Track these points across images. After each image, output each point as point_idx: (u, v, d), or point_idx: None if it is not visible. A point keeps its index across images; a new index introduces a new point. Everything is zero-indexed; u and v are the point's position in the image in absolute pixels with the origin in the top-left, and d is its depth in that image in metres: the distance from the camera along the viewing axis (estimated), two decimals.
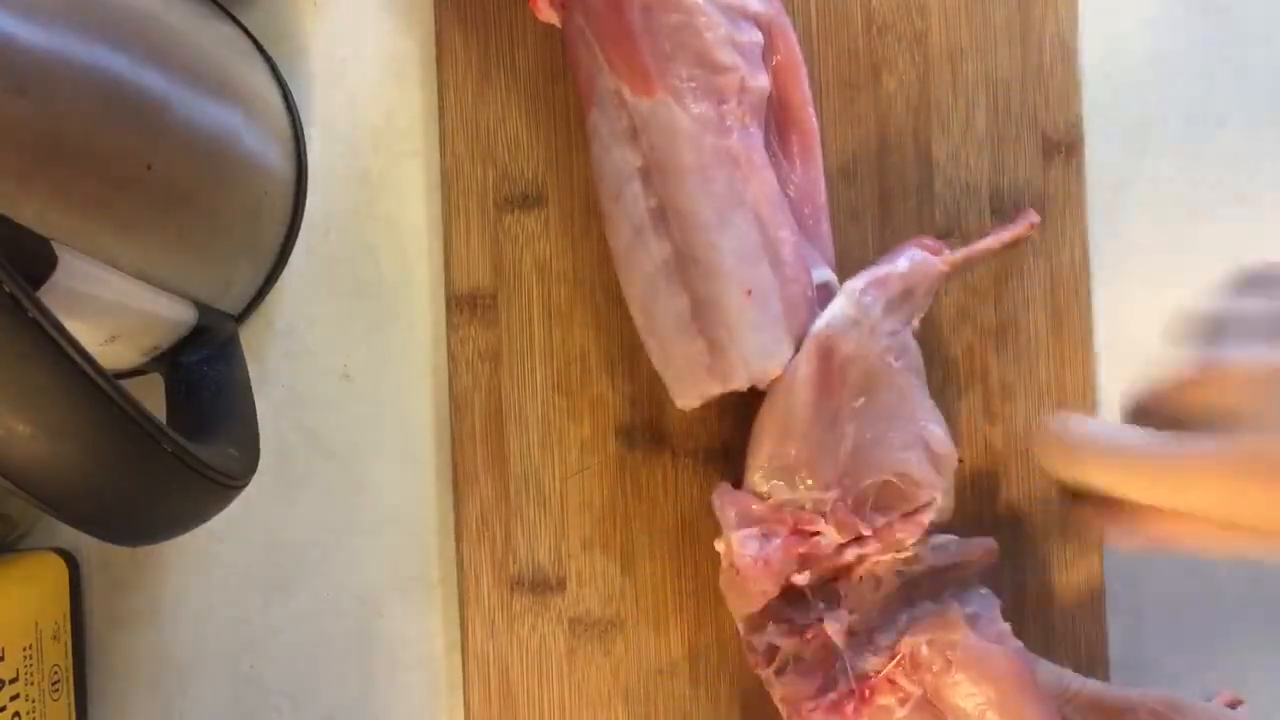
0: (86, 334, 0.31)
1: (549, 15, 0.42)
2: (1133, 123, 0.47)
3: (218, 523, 0.32)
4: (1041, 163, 0.46)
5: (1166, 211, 0.47)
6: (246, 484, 0.33)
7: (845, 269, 0.42)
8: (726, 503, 0.42)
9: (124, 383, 0.28)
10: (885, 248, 0.43)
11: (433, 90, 0.47)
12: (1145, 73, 0.47)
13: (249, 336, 0.46)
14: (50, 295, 0.29)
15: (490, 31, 0.46)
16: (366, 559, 0.47)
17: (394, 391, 0.47)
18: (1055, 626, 0.45)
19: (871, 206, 0.46)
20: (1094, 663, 0.45)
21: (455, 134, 0.46)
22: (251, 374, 0.41)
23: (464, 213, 0.46)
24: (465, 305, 0.45)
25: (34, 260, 0.29)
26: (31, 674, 0.41)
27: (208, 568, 0.46)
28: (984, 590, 0.43)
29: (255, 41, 0.45)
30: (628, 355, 0.45)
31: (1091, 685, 0.41)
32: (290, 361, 0.47)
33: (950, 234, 0.45)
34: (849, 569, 0.41)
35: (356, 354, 0.47)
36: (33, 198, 0.29)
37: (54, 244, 0.30)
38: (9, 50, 0.28)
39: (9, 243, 0.27)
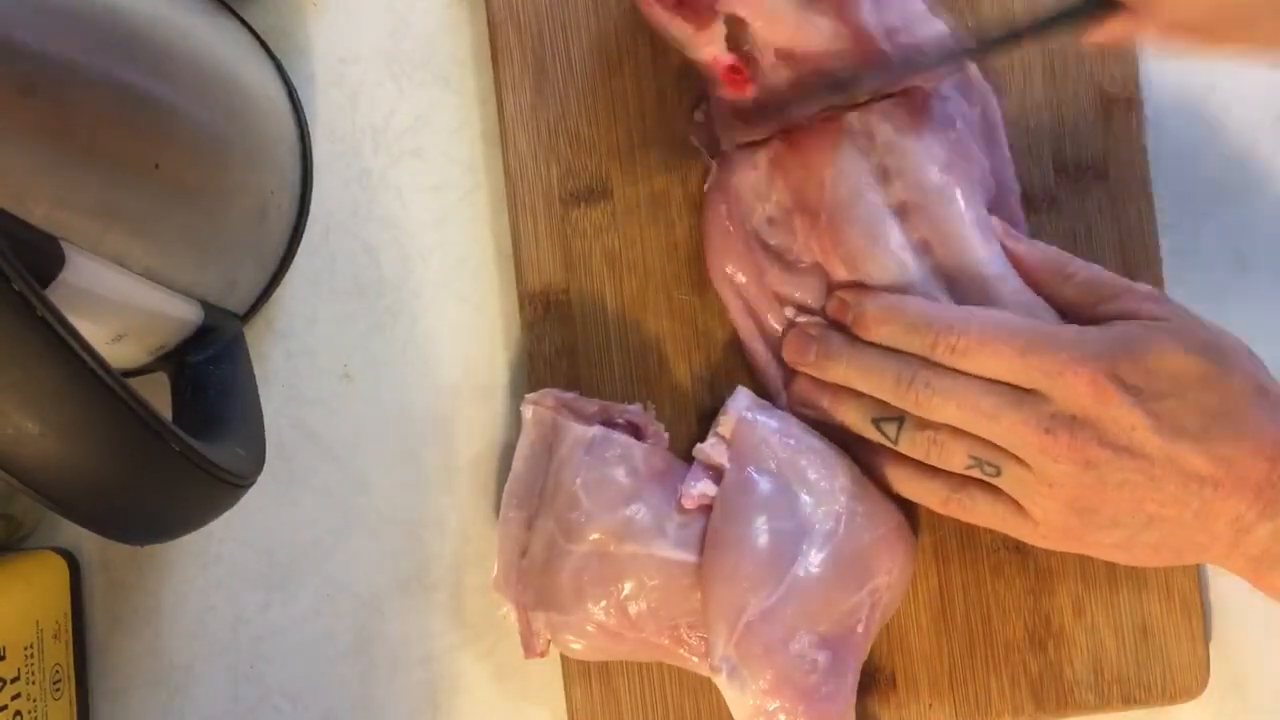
0: (94, 332, 0.31)
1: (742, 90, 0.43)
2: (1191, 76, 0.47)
3: (218, 523, 0.32)
4: (1102, 119, 0.46)
5: (1230, 145, 0.47)
6: (253, 482, 0.33)
7: None
8: None
9: (130, 381, 0.28)
10: None
11: (440, 89, 0.47)
12: None
13: (249, 336, 0.46)
14: (58, 293, 0.29)
15: (543, 29, 0.46)
16: (366, 559, 0.47)
17: (394, 391, 0.47)
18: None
19: None
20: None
21: (516, 132, 0.46)
22: None
23: (530, 210, 0.46)
24: (539, 302, 0.46)
25: (43, 259, 0.29)
26: (33, 673, 0.41)
27: (208, 568, 0.46)
28: None
29: (261, 40, 0.45)
30: (703, 340, 0.46)
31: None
32: (290, 361, 0.47)
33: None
34: None
35: (356, 354, 0.47)
36: (41, 197, 0.29)
37: (62, 243, 0.30)
38: (17, 51, 0.28)
39: (18, 241, 0.27)
